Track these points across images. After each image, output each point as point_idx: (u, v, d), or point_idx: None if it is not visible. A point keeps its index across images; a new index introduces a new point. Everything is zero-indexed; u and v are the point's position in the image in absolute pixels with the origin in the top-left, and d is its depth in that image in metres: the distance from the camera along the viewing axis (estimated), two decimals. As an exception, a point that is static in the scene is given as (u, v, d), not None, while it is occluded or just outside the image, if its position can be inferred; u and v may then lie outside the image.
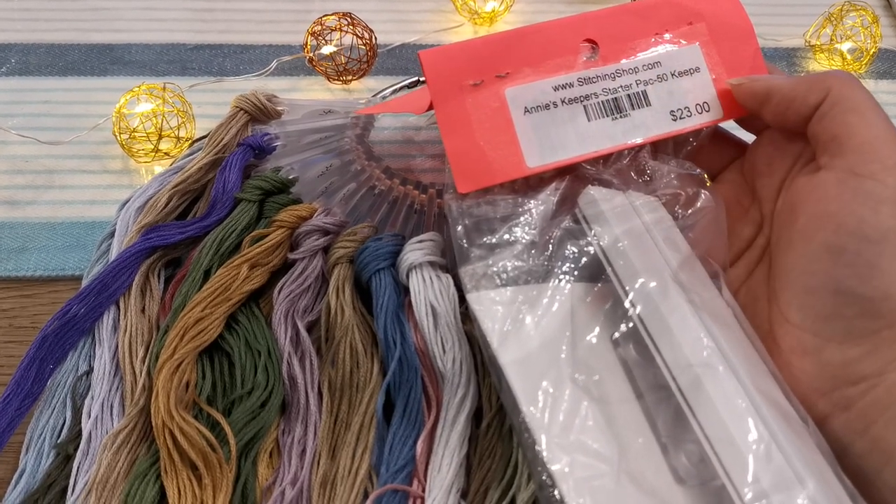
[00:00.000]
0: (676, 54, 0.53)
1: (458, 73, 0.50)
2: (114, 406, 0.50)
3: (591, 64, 0.52)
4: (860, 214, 0.41)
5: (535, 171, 0.50)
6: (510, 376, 0.43)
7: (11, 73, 0.71)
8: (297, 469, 0.47)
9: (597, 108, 0.51)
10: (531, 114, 0.50)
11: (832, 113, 0.45)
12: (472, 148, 0.49)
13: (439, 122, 0.49)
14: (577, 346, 0.45)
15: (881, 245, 0.40)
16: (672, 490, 0.41)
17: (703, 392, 0.41)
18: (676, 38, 0.53)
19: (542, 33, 0.52)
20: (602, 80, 0.52)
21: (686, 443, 0.41)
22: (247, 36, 0.76)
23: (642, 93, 0.52)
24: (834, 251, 0.42)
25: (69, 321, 0.51)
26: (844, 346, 0.41)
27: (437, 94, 0.50)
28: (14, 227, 0.61)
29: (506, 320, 0.45)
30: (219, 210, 0.56)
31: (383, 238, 0.53)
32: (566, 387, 0.43)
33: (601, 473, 0.41)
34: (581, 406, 0.43)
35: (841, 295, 0.41)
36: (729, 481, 0.39)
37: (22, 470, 0.47)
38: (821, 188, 0.44)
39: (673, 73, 0.53)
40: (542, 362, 0.44)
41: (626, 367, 0.45)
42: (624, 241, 0.47)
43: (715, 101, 0.52)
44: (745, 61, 0.53)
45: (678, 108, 0.52)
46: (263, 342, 0.51)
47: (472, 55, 0.50)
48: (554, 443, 0.41)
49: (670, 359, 0.43)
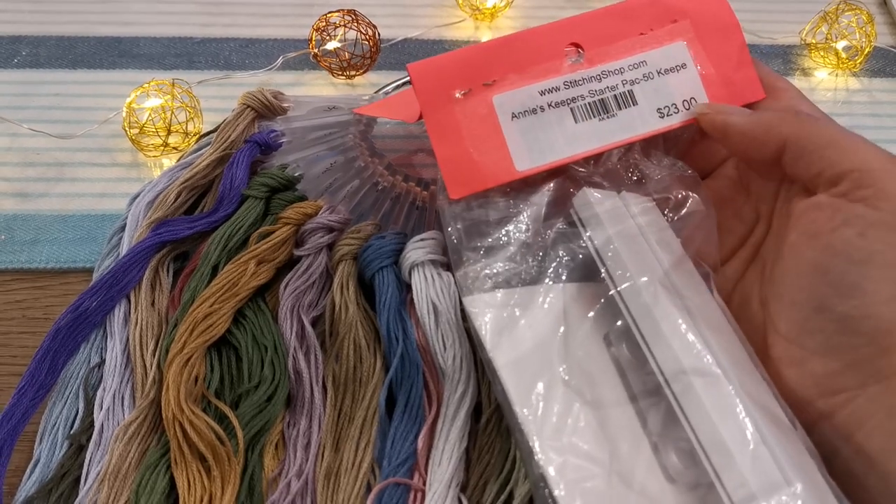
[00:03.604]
0: (661, 52, 0.54)
1: (446, 84, 0.52)
2: (125, 398, 0.51)
3: (577, 67, 0.53)
4: (847, 237, 0.42)
5: (524, 174, 0.51)
6: (504, 378, 0.45)
7: (23, 66, 0.72)
8: (302, 461, 0.49)
9: (583, 109, 0.52)
10: (519, 119, 0.51)
11: (805, 157, 0.46)
12: (462, 155, 0.51)
13: (429, 131, 0.51)
14: (570, 346, 0.46)
15: (865, 267, 0.41)
16: (663, 490, 0.42)
17: (693, 394, 0.42)
18: (661, 36, 0.54)
19: (527, 40, 0.53)
20: (588, 82, 0.53)
21: (677, 442, 0.43)
22: (252, 30, 0.77)
23: (628, 92, 0.53)
24: (820, 270, 0.43)
25: (81, 314, 0.52)
26: (826, 359, 0.42)
27: (427, 105, 0.51)
28: (26, 219, 0.62)
29: (500, 322, 0.47)
30: (226, 206, 0.58)
31: (386, 236, 0.55)
32: (559, 389, 0.45)
33: (593, 475, 0.42)
34: (573, 408, 0.44)
35: (823, 311, 0.42)
36: (719, 482, 0.40)
37: (36, 460, 0.49)
38: (814, 210, 0.45)
39: (659, 71, 0.54)
40: (535, 364, 0.45)
41: (618, 367, 0.46)
42: (617, 241, 0.48)
43: (703, 96, 0.53)
44: (732, 55, 0.54)
45: (665, 106, 0.53)
46: (270, 337, 0.52)
47: (460, 65, 0.52)
48: (547, 444, 0.42)
49: (662, 360, 0.44)
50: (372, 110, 0.63)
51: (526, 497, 0.44)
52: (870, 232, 0.42)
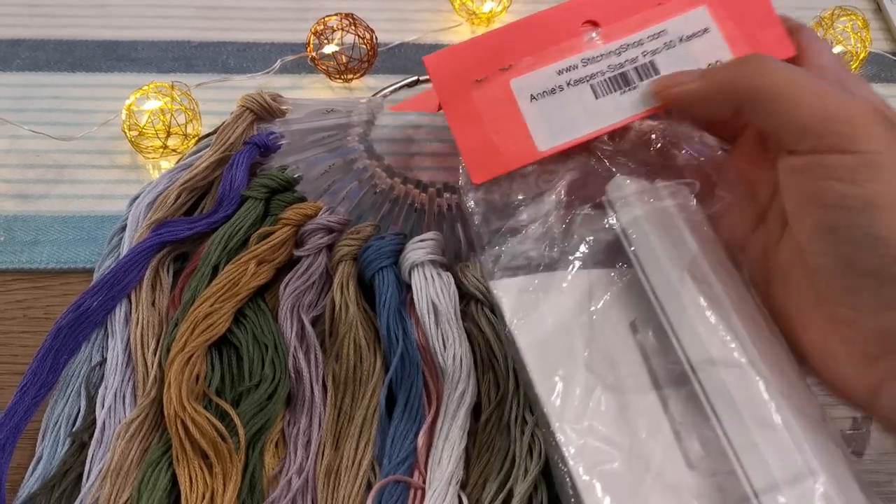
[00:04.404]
0: (682, 20, 0.53)
1: (463, 72, 0.52)
2: (126, 396, 0.51)
3: (594, 44, 0.53)
4: (839, 190, 0.40)
5: (546, 153, 0.51)
6: (527, 361, 0.45)
7: (22, 69, 0.72)
8: (303, 459, 0.49)
9: (603, 84, 0.52)
10: (538, 100, 0.52)
11: (761, 113, 0.44)
12: (482, 140, 0.51)
13: (448, 120, 0.51)
14: (594, 331, 0.47)
15: (869, 212, 0.39)
16: (681, 474, 0.43)
17: (719, 383, 0.42)
18: (680, 4, 0.53)
19: (541, 22, 0.53)
20: (606, 57, 0.52)
21: (701, 429, 0.43)
22: (249, 34, 0.77)
23: (650, 63, 0.52)
24: (827, 231, 0.41)
25: (83, 314, 0.53)
26: (878, 315, 0.40)
27: (444, 94, 0.52)
28: (27, 220, 0.62)
29: (523, 305, 0.47)
30: (226, 207, 0.58)
31: (386, 237, 0.55)
32: (581, 372, 0.45)
33: (612, 458, 0.42)
34: (595, 392, 0.45)
35: (852, 271, 0.40)
36: (741, 469, 0.40)
37: (39, 457, 0.49)
38: (794, 172, 0.43)
39: (681, 38, 0.53)
40: (557, 347, 0.46)
41: (643, 354, 0.47)
42: (648, 227, 0.47)
43: (729, 57, 0.52)
44: (756, 14, 0.53)
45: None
46: (270, 336, 0.53)
47: (475, 52, 0.52)
48: (567, 426, 0.43)
49: (689, 348, 0.44)
50: (397, 107, 0.66)
51: (525, 495, 0.45)
52: (858, 177, 0.40)
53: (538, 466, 0.46)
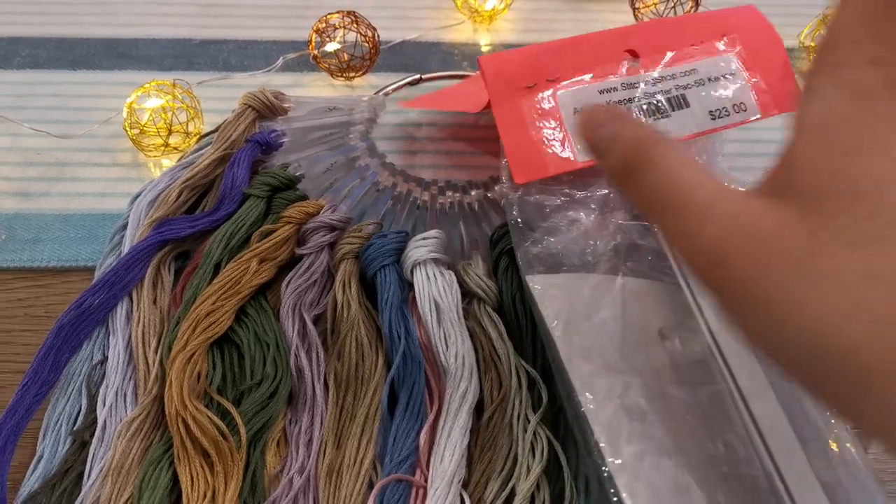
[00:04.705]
0: (713, 62, 0.58)
1: (514, 77, 0.55)
2: (127, 394, 0.51)
3: (633, 71, 0.56)
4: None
5: (585, 165, 0.54)
6: (567, 364, 0.46)
7: (23, 66, 0.72)
8: (304, 458, 0.49)
9: (640, 109, 0.55)
10: (580, 113, 0.53)
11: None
12: (527, 143, 0.53)
13: (497, 120, 0.54)
14: (629, 337, 0.48)
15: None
16: (716, 482, 0.43)
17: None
18: (712, 47, 0.58)
19: (588, 43, 0.57)
20: (644, 84, 0.56)
21: (725, 433, 0.44)
22: (251, 31, 0.77)
23: (681, 96, 0.56)
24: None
25: (84, 312, 0.53)
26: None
27: (496, 95, 0.54)
28: (28, 218, 0.62)
29: (563, 305, 0.48)
30: (227, 205, 0.58)
31: (388, 235, 0.55)
32: (619, 378, 0.46)
33: (654, 464, 0.43)
34: (629, 394, 0.45)
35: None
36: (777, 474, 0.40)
37: (40, 455, 0.49)
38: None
39: (710, 77, 0.57)
40: (596, 352, 0.47)
41: (672, 361, 0.47)
42: None
43: (751, 102, 0.57)
44: (776, 67, 0.58)
45: (716, 109, 0.56)
46: (272, 334, 0.52)
47: (527, 61, 0.55)
48: (608, 432, 0.43)
49: (742, 380, 0.44)
50: (430, 103, 0.67)
51: (528, 493, 0.45)
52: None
53: (540, 465, 0.46)
